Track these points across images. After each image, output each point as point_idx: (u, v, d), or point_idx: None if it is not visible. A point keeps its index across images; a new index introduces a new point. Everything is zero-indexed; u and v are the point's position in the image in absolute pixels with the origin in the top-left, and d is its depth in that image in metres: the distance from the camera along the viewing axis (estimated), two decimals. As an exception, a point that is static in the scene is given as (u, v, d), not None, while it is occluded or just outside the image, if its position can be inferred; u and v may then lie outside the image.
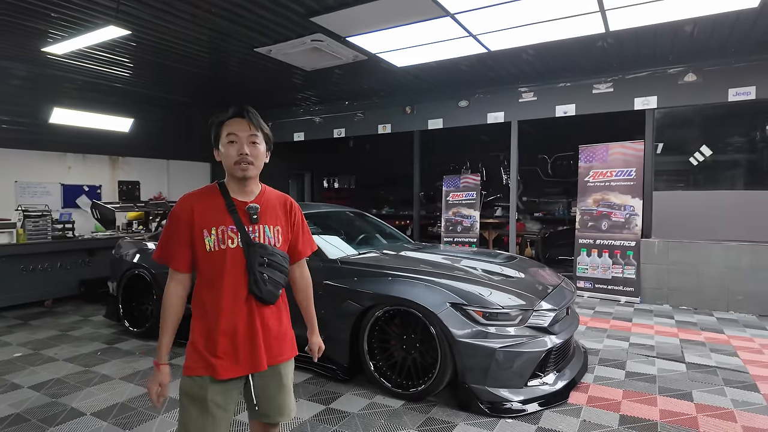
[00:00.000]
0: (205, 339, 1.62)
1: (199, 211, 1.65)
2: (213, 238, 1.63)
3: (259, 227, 1.69)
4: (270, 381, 1.70)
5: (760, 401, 3.13)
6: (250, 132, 1.67)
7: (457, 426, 2.79)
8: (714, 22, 4.61)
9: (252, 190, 1.73)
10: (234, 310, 1.63)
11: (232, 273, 1.63)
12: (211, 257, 1.63)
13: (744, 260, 5.48)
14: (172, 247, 1.65)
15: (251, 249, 1.65)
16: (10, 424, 2.86)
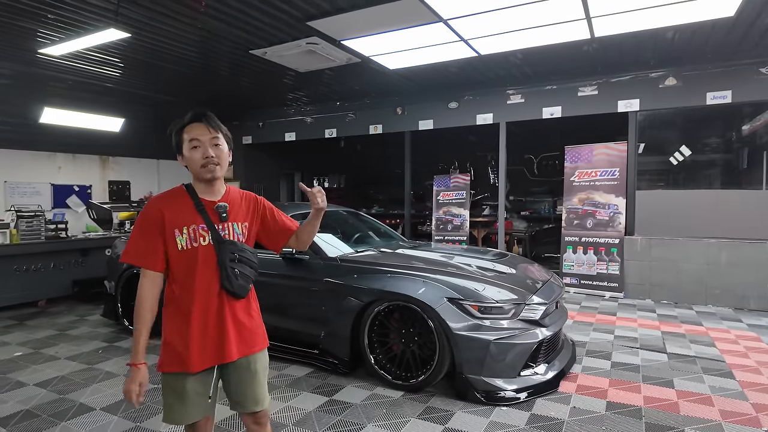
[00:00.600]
0: (178, 335, 1.70)
1: (169, 212, 1.72)
2: (185, 237, 1.71)
3: (229, 225, 1.78)
4: (243, 372, 1.78)
5: (735, 387, 3.34)
6: (211, 135, 1.75)
7: (455, 414, 2.94)
8: (693, 30, 4.84)
9: (218, 189, 1.82)
10: (206, 305, 1.71)
11: (204, 270, 1.72)
12: (183, 255, 1.71)
13: (721, 256, 5.75)
14: (144, 248, 1.71)
15: (222, 246, 1.74)
16: (21, 419, 2.92)
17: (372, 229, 5.13)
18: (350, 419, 2.89)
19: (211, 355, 1.71)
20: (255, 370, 1.80)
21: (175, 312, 1.73)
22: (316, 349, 3.73)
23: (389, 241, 4.87)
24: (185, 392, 1.70)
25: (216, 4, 4.22)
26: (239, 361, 1.76)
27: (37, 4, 4.09)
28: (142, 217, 1.75)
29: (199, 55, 5.71)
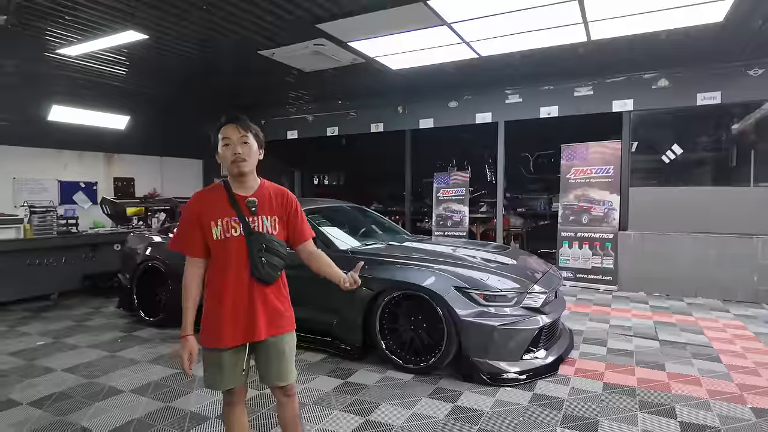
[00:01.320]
0: (214, 315, 1.92)
1: (206, 206, 1.95)
2: (219, 229, 1.92)
3: (258, 218, 1.96)
4: (271, 350, 1.97)
5: (722, 370, 3.59)
6: (241, 134, 1.94)
7: (462, 393, 3.16)
8: (684, 34, 5.07)
9: (251, 185, 2.00)
10: (237, 290, 1.91)
11: (237, 258, 1.91)
12: (218, 245, 1.93)
13: (710, 251, 6.01)
14: (186, 238, 1.96)
15: (251, 237, 1.93)
16: (56, 400, 3.11)
17: (377, 223, 5.33)
18: (366, 398, 3.10)
19: (242, 334, 1.92)
20: (282, 350, 1.99)
21: (212, 295, 1.95)
22: (328, 337, 3.93)
23: (394, 235, 5.07)
24: (221, 364, 1.93)
25: (229, 7, 4.39)
26: (268, 341, 1.96)
27: (56, 6, 4.24)
28: (185, 210, 2.00)
29: (208, 55, 5.87)
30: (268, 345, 1.97)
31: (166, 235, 5.24)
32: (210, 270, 1.98)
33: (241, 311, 1.92)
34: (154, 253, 4.97)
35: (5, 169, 7.23)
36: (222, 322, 1.91)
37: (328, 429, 2.71)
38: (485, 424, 2.76)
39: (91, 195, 8.35)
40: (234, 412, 2.05)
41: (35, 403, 3.07)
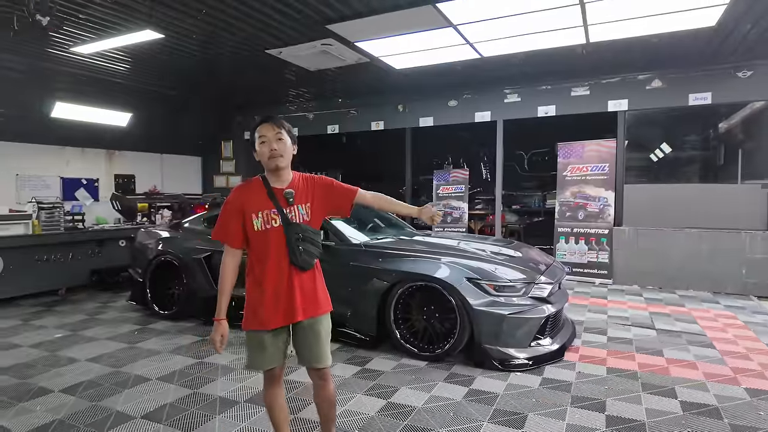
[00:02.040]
0: (257, 300, 2.06)
1: (247, 200, 2.08)
2: (260, 220, 2.06)
3: (294, 208, 2.11)
4: (308, 332, 2.10)
5: (716, 355, 3.81)
6: (276, 131, 2.09)
7: (476, 378, 3.34)
8: (678, 37, 5.30)
9: (286, 178, 2.14)
10: (278, 276, 2.05)
11: (276, 247, 2.05)
12: (259, 236, 2.06)
13: (701, 245, 6.27)
14: (228, 229, 2.09)
15: (290, 228, 2.07)
16: (86, 387, 3.22)
17: (382, 219, 5.48)
18: (385, 383, 3.26)
19: (283, 316, 2.06)
20: (318, 331, 2.13)
21: (254, 282, 2.09)
22: (343, 327, 4.09)
23: (400, 230, 5.24)
24: (264, 345, 2.07)
25: (242, 7, 4.51)
26: (306, 322, 2.10)
27: (75, 5, 4.31)
28: (227, 204, 2.12)
29: (215, 53, 5.95)
30: (305, 327, 2.11)
31: (176, 231, 5.35)
32: (250, 259, 2.12)
33: (282, 296, 2.06)
34: (166, 247, 5.07)
35: (8, 166, 7.23)
36: (264, 307, 2.05)
37: (354, 410, 2.87)
38: (501, 404, 2.94)
39: (92, 192, 8.37)
40: (273, 391, 2.20)
41: (67, 390, 3.18)
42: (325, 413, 2.24)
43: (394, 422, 2.72)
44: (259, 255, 2.09)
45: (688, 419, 2.75)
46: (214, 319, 2.07)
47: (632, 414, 2.81)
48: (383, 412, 2.84)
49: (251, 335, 2.11)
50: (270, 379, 2.18)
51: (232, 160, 10.28)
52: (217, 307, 2.08)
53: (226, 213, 2.11)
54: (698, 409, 2.88)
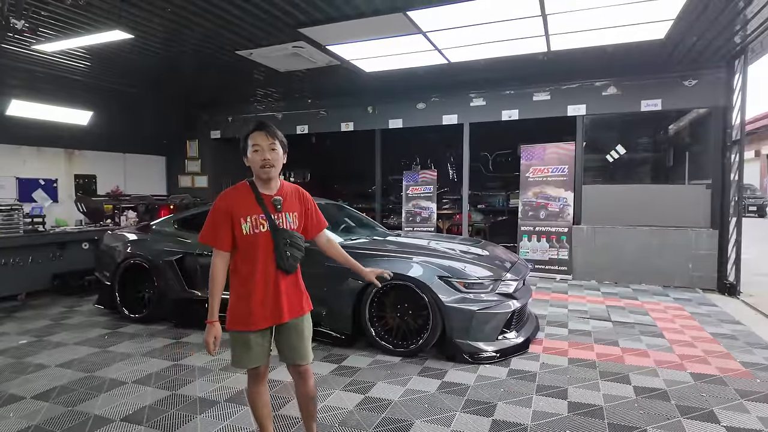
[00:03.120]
0: (244, 302, 2.13)
1: (236, 204, 2.15)
2: (248, 225, 2.13)
3: (282, 215, 2.20)
4: (292, 331, 2.21)
5: (665, 344, 4.14)
6: (269, 141, 2.15)
7: (448, 371, 3.51)
8: (630, 48, 5.66)
9: (274, 185, 2.23)
10: (264, 279, 2.14)
11: (264, 251, 2.14)
12: (247, 239, 2.13)
13: (652, 242, 6.71)
14: (217, 232, 2.14)
15: (277, 233, 2.16)
16: (59, 393, 3.18)
17: (354, 219, 5.60)
18: (362, 379, 3.38)
19: (269, 317, 2.16)
20: (301, 330, 2.25)
21: (241, 284, 2.16)
22: (318, 326, 4.17)
23: (373, 230, 5.37)
24: (249, 344, 2.15)
25: (214, 9, 4.51)
26: (290, 322, 2.20)
27: (38, 3, 4.20)
28: (215, 208, 2.17)
29: (182, 53, 5.89)
30: (289, 326, 2.21)
31: (144, 233, 5.28)
32: (237, 261, 2.18)
33: (269, 298, 2.15)
34: (135, 250, 5.01)
35: (-41, 166, 6.91)
36: (252, 308, 2.13)
37: (333, 405, 2.98)
38: (472, 395, 3.12)
39: (51, 192, 8.08)
40: (258, 389, 2.29)
41: (39, 396, 3.14)
42: (307, 408, 2.33)
43: (372, 415, 2.85)
44: (246, 258, 2.15)
45: (641, 402, 3.01)
46: (207, 321, 2.11)
47: (591, 400, 3.04)
48: (361, 407, 2.96)
49: (237, 335, 2.17)
50: (255, 377, 2.26)
51: (197, 159, 10.11)
52: (209, 310, 2.12)
53: (216, 217, 2.16)
54: (649, 393, 3.15)
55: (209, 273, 2.15)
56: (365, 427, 2.71)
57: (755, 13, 4.67)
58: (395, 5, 4.42)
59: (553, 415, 2.84)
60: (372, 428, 2.69)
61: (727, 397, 3.08)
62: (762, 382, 3.32)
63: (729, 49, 5.82)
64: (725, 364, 3.64)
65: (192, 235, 4.92)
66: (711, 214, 6.53)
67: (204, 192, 9.59)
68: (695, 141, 7.97)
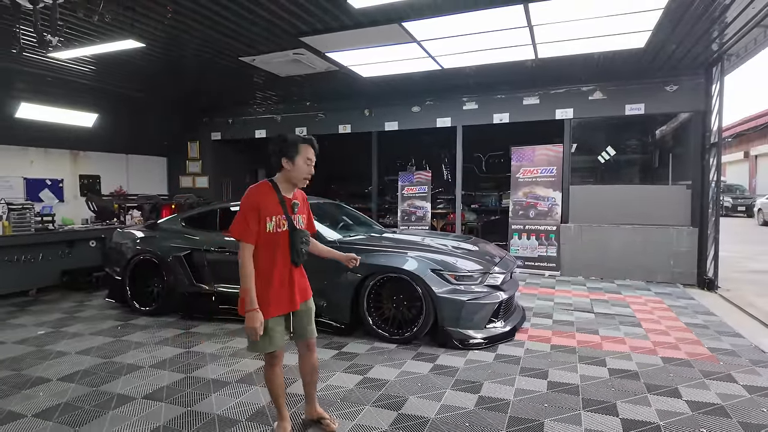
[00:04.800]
0: (264, 292, 2.37)
1: (265, 203, 2.41)
2: (272, 224, 2.41)
3: (297, 216, 2.52)
4: (303, 313, 2.57)
5: (642, 333, 4.46)
6: (314, 159, 2.53)
7: (439, 356, 3.82)
8: (613, 55, 5.99)
9: (294, 190, 2.56)
10: (282, 272, 2.44)
11: (281, 248, 2.44)
12: (269, 236, 2.41)
13: (636, 239, 7.04)
14: (249, 228, 2.37)
15: (296, 233, 2.47)
16: (82, 376, 3.46)
17: (352, 218, 5.89)
18: (361, 363, 3.68)
19: (285, 305, 2.47)
20: (311, 310, 2.63)
21: (260, 276, 2.40)
22: (319, 317, 4.46)
23: (370, 228, 5.66)
24: (269, 329, 2.41)
25: (222, 21, 4.80)
26: (301, 307, 2.55)
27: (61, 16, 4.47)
28: (246, 206, 2.40)
29: (190, 60, 6.17)
30: (301, 310, 2.56)
31: (152, 230, 5.55)
32: (257, 255, 2.41)
33: (285, 288, 2.46)
34: (145, 246, 5.28)
35: (-30, 167, 7.15)
36: (270, 297, 2.40)
37: (335, 384, 3.28)
38: (461, 375, 3.43)
39: (57, 192, 8.33)
40: (275, 371, 2.55)
41: (64, 378, 3.42)
42: (312, 376, 2.69)
43: (371, 392, 3.15)
44: (266, 253, 2.42)
45: (613, 381, 3.32)
46: (248, 310, 2.32)
47: (569, 379, 3.36)
48: (360, 385, 3.26)
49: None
50: (273, 360, 2.52)
51: (198, 160, 10.38)
52: (248, 299, 2.33)
53: (248, 214, 2.38)
54: (622, 374, 3.46)
55: (240, 267, 2.37)
56: (364, 402, 3.01)
57: (730, 23, 5.00)
58: (391, 17, 4.72)
59: (534, 392, 3.15)
60: (370, 403, 2.99)
61: (691, 377, 3.40)
62: (725, 364, 3.64)
63: (707, 56, 6.17)
64: (694, 350, 3.97)
65: (199, 232, 5.21)
66: (691, 213, 6.87)
67: (204, 192, 9.86)
68: (678, 144, 8.34)
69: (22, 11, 3.65)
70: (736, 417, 2.80)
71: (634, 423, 2.73)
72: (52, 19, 3.22)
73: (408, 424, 2.72)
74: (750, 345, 4.10)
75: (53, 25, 3.15)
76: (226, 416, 2.86)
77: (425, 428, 2.68)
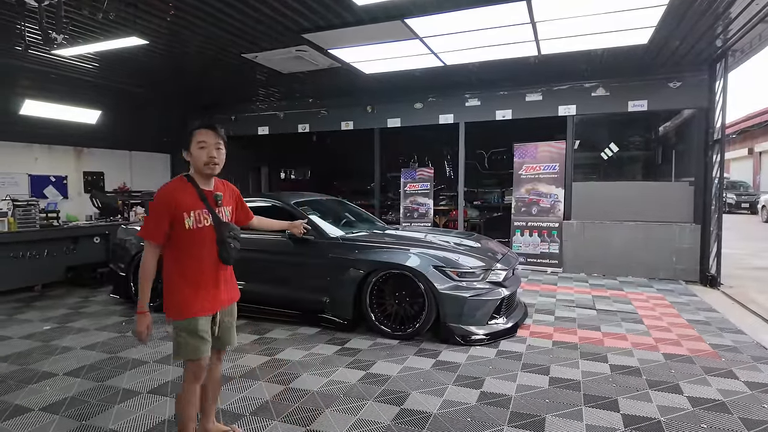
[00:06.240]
0: (191, 292, 2.20)
1: (178, 199, 2.19)
2: (192, 219, 2.19)
3: (222, 209, 2.32)
4: (227, 316, 2.39)
5: (643, 329, 4.47)
6: (216, 140, 2.24)
7: (442, 352, 3.84)
8: (616, 52, 5.98)
9: (212, 182, 2.34)
10: (209, 270, 2.25)
11: (207, 244, 2.24)
12: (189, 234, 2.19)
13: (638, 236, 7.04)
14: (157, 227, 2.18)
15: (222, 226, 2.27)
16: (88, 371, 3.50)
17: (354, 214, 5.90)
18: (363, 358, 3.71)
19: (212, 304, 2.28)
20: (234, 315, 2.46)
21: (185, 275, 2.22)
22: (322, 313, 4.50)
23: (373, 225, 5.68)
24: (198, 332, 2.20)
25: (225, 18, 4.82)
26: (227, 308, 2.39)
27: (65, 14, 4.50)
28: (156, 203, 2.22)
29: (192, 56, 6.18)
30: (226, 314, 2.38)
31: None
32: (179, 254, 2.22)
33: (212, 287, 2.27)
34: (149, 243, 5.31)
35: (-25, 164, 7.19)
36: (197, 296, 2.22)
37: (338, 380, 3.31)
38: (463, 371, 3.45)
39: (61, 189, 8.37)
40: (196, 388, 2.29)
41: (70, 373, 3.46)
42: (214, 392, 2.48)
43: (373, 387, 3.17)
44: (191, 251, 2.22)
45: (615, 377, 3.34)
46: (138, 312, 2.18)
47: (570, 375, 3.37)
48: (363, 381, 3.29)
49: (184, 324, 2.20)
50: (199, 371, 2.26)
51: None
52: (140, 300, 2.18)
53: (158, 212, 2.19)
54: (623, 370, 3.48)
55: (140, 265, 2.21)
56: (367, 397, 3.04)
57: (734, 19, 4.98)
58: (393, 14, 4.72)
59: (535, 388, 3.17)
60: (373, 398, 3.02)
61: (692, 373, 3.41)
62: (726, 360, 3.65)
63: (710, 53, 6.15)
64: (695, 346, 3.98)
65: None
66: (694, 209, 6.86)
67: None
68: (681, 140, 8.31)
69: (28, 9, 3.67)
70: (737, 413, 2.81)
71: (635, 419, 2.75)
72: (57, 16, 3.24)
73: (410, 419, 2.75)
74: (752, 341, 4.11)
75: (58, 22, 3.17)
76: (231, 410, 2.89)
77: (427, 423, 2.71)
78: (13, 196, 6.31)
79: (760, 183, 23.25)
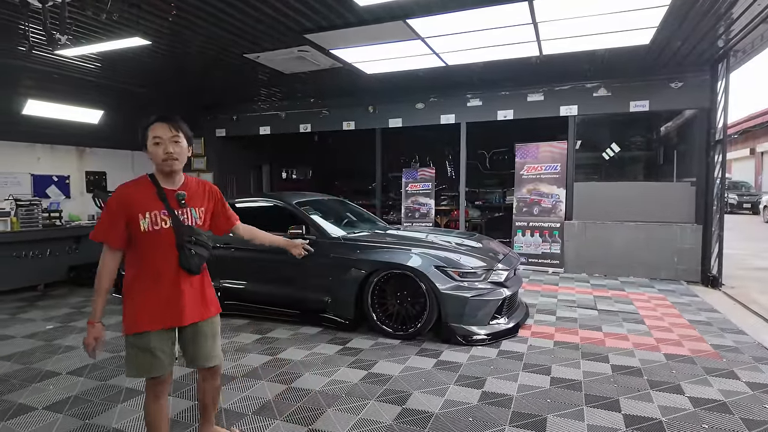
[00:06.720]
0: (142, 302, 1.99)
1: (134, 199, 1.98)
2: (147, 221, 1.97)
3: (187, 210, 2.07)
4: (198, 333, 2.10)
5: (645, 329, 4.48)
6: (172, 134, 2.02)
7: (443, 352, 3.85)
8: (618, 52, 5.98)
9: (178, 179, 2.11)
10: (165, 279, 2.00)
11: (165, 249, 2.00)
12: (145, 237, 1.98)
13: (640, 236, 7.04)
14: (111, 229, 1.98)
15: (181, 229, 2.02)
16: (91, 370, 3.52)
17: (356, 214, 5.91)
18: (365, 358, 3.72)
19: (169, 318, 2.03)
20: (206, 333, 2.14)
21: (139, 284, 2.03)
22: (324, 313, 4.51)
23: (374, 224, 5.69)
24: (150, 349, 1.99)
25: (227, 18, 4.82)
26: (196, 325, 2.10)
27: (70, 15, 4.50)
28: (110, 203, 2.02)
29: (192, 56, 6.18)
30: (195, 329, 2.11)
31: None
32: (135, 260, 2.04)
33: (171, 298, 2.03)
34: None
35: (-22, 163, 7.21)
36: (151, 309, 2.00)
37: (340, 380, 3.32)
38: (464, 371, 3.46)
39: (63, 189, 8.39)
40: (160, 404, 2.11)
41: (74, 372, 3.48)
42: (213, 401, 2.33)
43: (375, 387, 3.19)
44: (146, 257, 2.02)
45: (616, 377, 3.35)
46: (88, 322, 2.00)
47: (572, 375, 3.38)
48: (365, 380, 3.30)
49: (135, 339, 2.01)
50: (156, 389, 2.09)
51: (203, 157, 10.42)
52: (93, 310, 2.01)
53: (110, 213, 2.00)
54: (625, 370, 3.48)
55: (97, 271, 2.03)
56: (369, 397, 3.05)
57: (735, 19, 4.98)
58: (396, 14, 4.72)
59: (537, 388, 3.17)
60: (375, 398, 3.03)
61: (694, 373, 3.42)
62: (728, 361, 3.66)
63: (712, 53, 6.15)
64: (697, 346, 3.98)
65: (204, 228, 5.24)
66: (696, 210, 6.86)
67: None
68: (683, 141, 8.31)
69: (31, 10, 3.68)
70: (738, 413, 2.82)
71: (637, 419, 2.76)
72: (61, 17, 3.25)
73: (412, 419, 2.76)
74: (753, 342, 4.11)
75: (62, 23, 3.19)
76: (233, 410, 2.90)
77: (429, 423, 2.72)
78: (15, 196, 6.34)
79: (762, 183, 23.22)
